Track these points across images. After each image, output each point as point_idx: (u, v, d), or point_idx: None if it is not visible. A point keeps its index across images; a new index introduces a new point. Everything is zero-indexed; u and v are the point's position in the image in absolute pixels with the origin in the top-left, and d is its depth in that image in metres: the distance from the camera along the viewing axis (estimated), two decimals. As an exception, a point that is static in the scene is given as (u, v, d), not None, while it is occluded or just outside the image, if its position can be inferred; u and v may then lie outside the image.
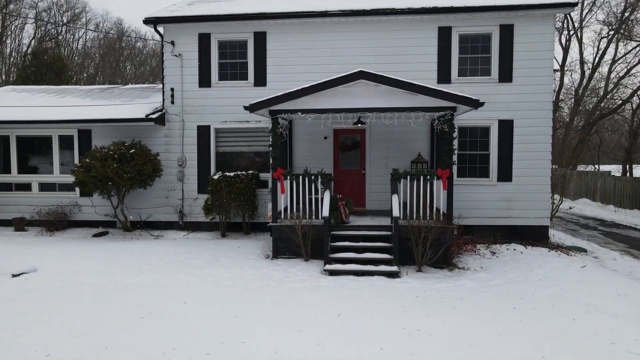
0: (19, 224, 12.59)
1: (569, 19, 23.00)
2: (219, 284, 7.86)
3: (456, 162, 9.73)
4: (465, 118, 11.61)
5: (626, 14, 22.01)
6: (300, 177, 10.02)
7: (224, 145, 12.79)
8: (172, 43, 12.49)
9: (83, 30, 43.56)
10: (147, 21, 12.17)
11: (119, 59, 44.35)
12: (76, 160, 12.64)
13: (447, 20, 11.82)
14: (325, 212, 9.26)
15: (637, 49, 22.28)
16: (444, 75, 11.88)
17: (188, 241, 11.26)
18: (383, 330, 5.94)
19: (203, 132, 12.64)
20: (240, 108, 10.93)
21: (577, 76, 24.27)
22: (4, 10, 33.68)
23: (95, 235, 12.09)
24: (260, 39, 12.32)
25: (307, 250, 9.67)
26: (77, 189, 12.58)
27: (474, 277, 8.95)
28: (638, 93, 22.03)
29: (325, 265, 9.14)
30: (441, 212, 9.80)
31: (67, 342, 5.48)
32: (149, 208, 12.71)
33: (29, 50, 37.14)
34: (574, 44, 23.46)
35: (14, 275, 8.26)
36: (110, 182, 11.19)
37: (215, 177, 11.73)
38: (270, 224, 10.04)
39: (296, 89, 9.56)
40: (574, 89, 23.41)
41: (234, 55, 12.56)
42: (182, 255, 9.74)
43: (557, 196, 14.04)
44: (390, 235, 9.48)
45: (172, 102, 12.64)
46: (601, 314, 6.89)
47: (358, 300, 7.14)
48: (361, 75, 9.33)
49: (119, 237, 11.85)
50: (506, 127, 11.85)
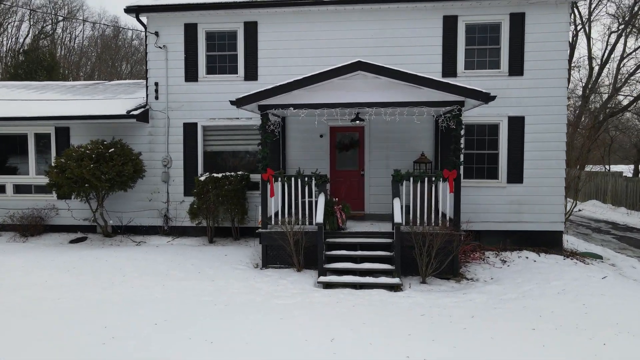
0: (-8, 229, 11.70)
1: (577, 13, 22.11)
2: (199, 300, 6.96)
3: (463, 162, 8.86)
4: (472, 114, 10.71)
5: (636, 8, 21.11)
6: (293, 178, 9.12)
7: (213, 144, 11.89)
8: (156, 34, 11.60)
9: (80, 29, 42.74)
10: (129, 10, 11.27)
11: (115, 57, 43.48)
12: (53, 161, 11.74)
13: (452, 9, 10.92)
14: (320, 217, 8.36)
15: (648, 44, 21.40)
16: (449, 69, 10.98)
17: (171, 248, 10.35)
18: (384, 360, 5.05)
19: (190, 129, 11.74)
20: (230, 104, 10.00)
21: (584, 73, 23.37)
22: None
23: (72, 242, 11.19)
24: (251, 30, 11.42)
25: (300, 260, 8.77)
26: (55, 192, 11.68)
27: (484, 290, 8.05)
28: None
29: (319, 276, 8.25)
30: (447, 217, 8.91)
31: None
32: (131, 212, 11.81)
33: (23, 48, 36.28)
34: (582, 39, 22.59)
35: (-31, 289, 7.38)
36: (87, 184, 10.29)
37: (202, 178, 10.84)
38: (260, 230, 9.15)
39: (288, 81, 8.67)
40: (581, 86, 22.55)
41: (222, 47, 11.66)
42: (162, 264, 8.84)
43: (568, 199, 13.14)
44: (392, 244, 8.59)
45: (157, 98, 11.75)
46: (633, 335, 5.98)
47: (355, 320, 6.24)
48: (359, 66, 8.44)
49: (97, 244, 10.95)
50: (517, 124, 10.95)
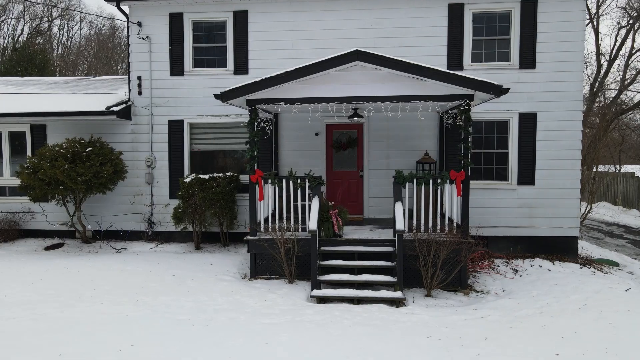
0: (-38, 234, 10.86)
1: (585, 7, 21.23)
2: (175, 319, 6.12)
3: (472, 163, 8.05)
4: (480, 111, 9.89)
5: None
6: (284, 180, 8.29)
7: (200, 142, 11.06)
8: (139, 24, 10.75)
9: (77, 28, 41.92)
10: (109, -2, 10.44)
11: (112, 56, 42.64)
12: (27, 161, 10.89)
13: (458, -3, 10.10)
14: (313, 223, 7.53)
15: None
16: (455, 61, 10.14)
17: (154, 256, 9.51)
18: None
19: (175, 127, 10.90)
20: (215, 98, 9.14)
21: (592, 69, 22.54)
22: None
23: (47, 248, 10.36)
24: (241, 20, 10.58)
25: (292, 270, 7.95)
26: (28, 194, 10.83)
27: (496, 305, 7.22)
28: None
29: (312, 290, 7.42)
30: (455, 223, 8.08)
31: None
32: (112, 216, 10.97)
33: (14, 45, 35.46)
34: (589, 34, 21.74)
35: None
36: (62, 186, 9.45)
37: (187, 180, 10.01)
38: (248, 237, 8.32)
39: (278, 73, 7.84)
40: (589, 82, 21.72)
41: (210, 39, 10.83)
42: (139, 275, 8.00)
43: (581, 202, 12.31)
44: (393, 252, 7.76)
45: (140, 93, 10.91)
46: (673, 363, 5.16)
47: (352, 345, 5.40)
48: (358, 55, 7.60)
49: (74, 251, 10.12)
50: (528, 121, 10.11)
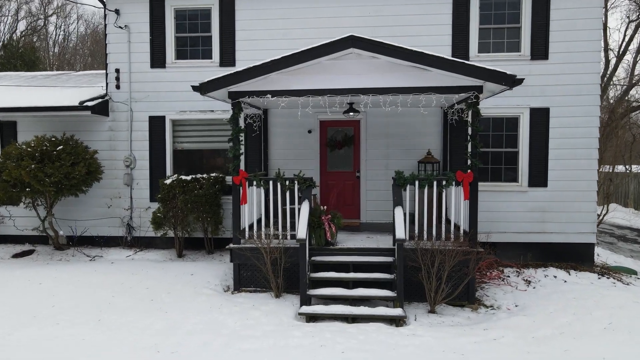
0: None
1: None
2: (137, 346, 5.27)
3: (480, 163, 7.21)
4: (486, 106, 9.00)
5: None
6: (271, 182, 7.44)
7: (184, 141, 10.21)
8: (117, 12, 9.90)
9: (73, 27, 41.16)
10: (83, -17, 9.58)
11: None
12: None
13: (464, -19, 9.25)
14: (302, 231, 6.66)
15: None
16: (460, 52, 9.28)
17: (129, 265, 8.66)
18: None
19: (156, 124, 10.05)
20: (193, 90, 8.21)
21: (600, 65, 21.67)
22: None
23: (15, 256, 9.51)
24: (227, 7, 9.73)
25: (279, 283, 7.09)
26: None
27: (510, 323, 6.36)
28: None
29: (301, 306, 6.56)
30: (461, 230, 7.23)
31: None
32: (88, 220, 10.11)
33: (3, 42, 34.61)
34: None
35: None
36: (28, 188, 8.61)
37: (168, 181, 9.16)
38: (231, 245, 7.47)
39: (263, 61, 6.99)
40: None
41: (194, 28, 9.98)
42: (109, 288, 7.15)
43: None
44: (393, 263, 6.90)
45: (118, 87, 10.05)
46: None
47: (343, 378, 4.56)
48: (353, 42, 6.75)
49: (43, 259, 9.26)
50: (540, 118, 9.26)
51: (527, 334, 5.99)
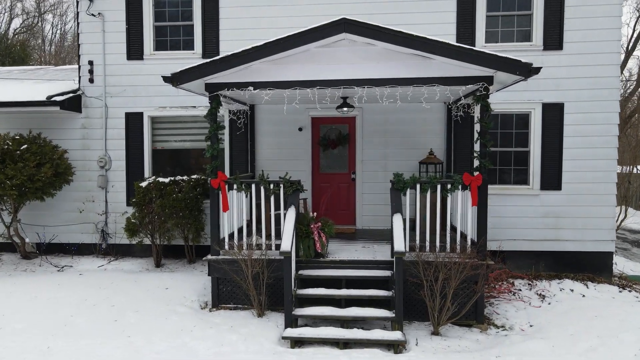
0: None
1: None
2: (88, 380, 4.44)
3: (491, 164, 6.38)
4: (495, 101, 8.06)
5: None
6: (253, 185, 6.59)
7: (164, 139, 9.38)
8: (90, -1, 9.07)
9: (70, 26, 40.41)
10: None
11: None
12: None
13: (470, -36, 8.41)
14: (287, 242, 5.81)
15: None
16: (465, 42, 8.31)
17: (100, 277, 7.82)
18: None
19: (134, 121, 9.21)
20: (183, 92, 7.33)
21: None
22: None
23: (-23, 266, 8.67)
24: (210, -7, 8.90)
25: (262, 300, 6.25)
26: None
27: (525, 348, 5.52)
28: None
29: (286, 328, 5.72)
30: (468, 239, 6.39)
31: None
32: (58, 226, 9.27)
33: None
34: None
35: None
36: (-13, 191, 7.77)
37: (144, 184, 8.32)
38: (209, 257, 6.62)
39: (244, 49, 6.15)
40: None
41: (175, 16, 9.14)
42: (70, 306, 6.31)
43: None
44: (391, 278, 6.06)
45: (92, 81, 9.21)
46: None
47: None
48: (345, 26, 5.92)
49: (7, 269, 8.41)
50: (553, 114, 8.42)
51: (547, 363, 5.16)
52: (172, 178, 8.38)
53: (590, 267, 8.43)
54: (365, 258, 6.47)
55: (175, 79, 6.24)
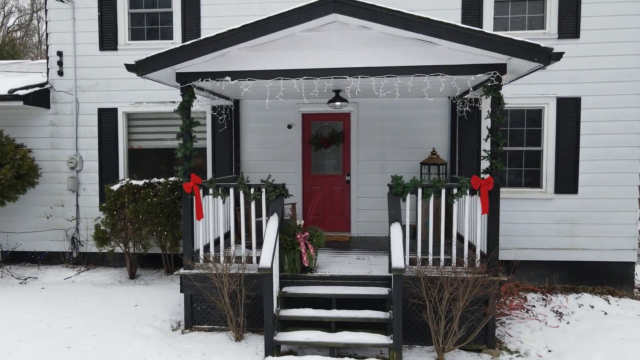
0: None
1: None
2: None
3: (503, 166, 5.57)
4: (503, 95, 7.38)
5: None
6: (232, 190, 5.78)
7: (141, 138, 8.58)
8: (58, -17, 8.25)
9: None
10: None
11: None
12: None
13: (476, -57, 7.61)
14: (266, 257, 4.98)
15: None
16: (471, 30, 7.62)
17: (64, 291, 7.01)
18: None
19: (107, 118, 8.40)
20: (161, 85, 6.49)
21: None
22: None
23: None
24: (191, -23, 8.10)
25: (241, 321, 5.44)
26: None
27: (546, 381, 4.72)
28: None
29: (266, 356, 4.91)
30: (477, 251, 5.57)
31: None
32: (24, 232, 8.45)
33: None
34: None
35: None
36: (-62, 195, 6.97)
37: (115, 187, 7.51)
38: (181, 271, 5.81)
39: (218, 32, 5.34)
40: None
41: (152, 3, 8.33)
42: (17, 330, 5.49)
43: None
44: (388, 297, 5.25)
45: (61, 74, 8.40)
46: None
47: None
48: (335, 5, 5.10)
49: (-37, 282, 7.61)
50: (568, 109, 7.62)
51: (573, 402, 4.36)
52: (147, 180, 7.57)
53: (609, 278, 7.63)
54: (359, 273, 5.65)
55: (141, 67, 5.44)
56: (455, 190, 5.48)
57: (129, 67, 5.46)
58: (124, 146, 8.44)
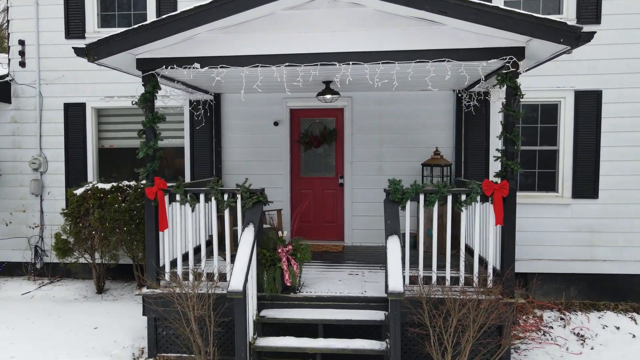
0: None
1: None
2: None
3: (520, 167, 4.75)
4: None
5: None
6: (202, 196, 4.95)
7: (113, 136, 7.76)
8: (19, -37, 7.43)
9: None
10: None
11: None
12: None
13: None
14: (238, 278, 4.15)
15: None
16: (478, 15, 6.80)
17: (20, 308, 6.19)
18: None
19: (75, 114, 7.59)
20: (134, 76, 5.63)
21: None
22: None
23: None
24: (167, -43, 7.28)
25: (211, 350, 4.61)
26: None
27: None
28: None
29: (237, 398, 4.08)
30: (489, 267, 4.75)
31: None
32: (-18, 241, 7.65)
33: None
34: None
35: None
36: None
37: (79, 191, 6.69)
38: (143, 291, 4.99)
39: (182, 10, 4.51)
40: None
41: (124, -14, 7.53)
42: (-49, 359, 4.68)
43: None
44: (384, 323, 4.43)
45: (23, 65, 7.58)
46: None
47: None
48: (321, -23, 4.28)
49: None
50: (588, 104, 6.81)
51: None
52: (115, 184, 6.74)
53: (634, 294, 6.82)
54: (350, 293, 4.82)
55: (92, 52, 4.62)
56: (463, 197, 4.66)
57: (78, 52, 4.66)
58: (93, 145, 7.63)
